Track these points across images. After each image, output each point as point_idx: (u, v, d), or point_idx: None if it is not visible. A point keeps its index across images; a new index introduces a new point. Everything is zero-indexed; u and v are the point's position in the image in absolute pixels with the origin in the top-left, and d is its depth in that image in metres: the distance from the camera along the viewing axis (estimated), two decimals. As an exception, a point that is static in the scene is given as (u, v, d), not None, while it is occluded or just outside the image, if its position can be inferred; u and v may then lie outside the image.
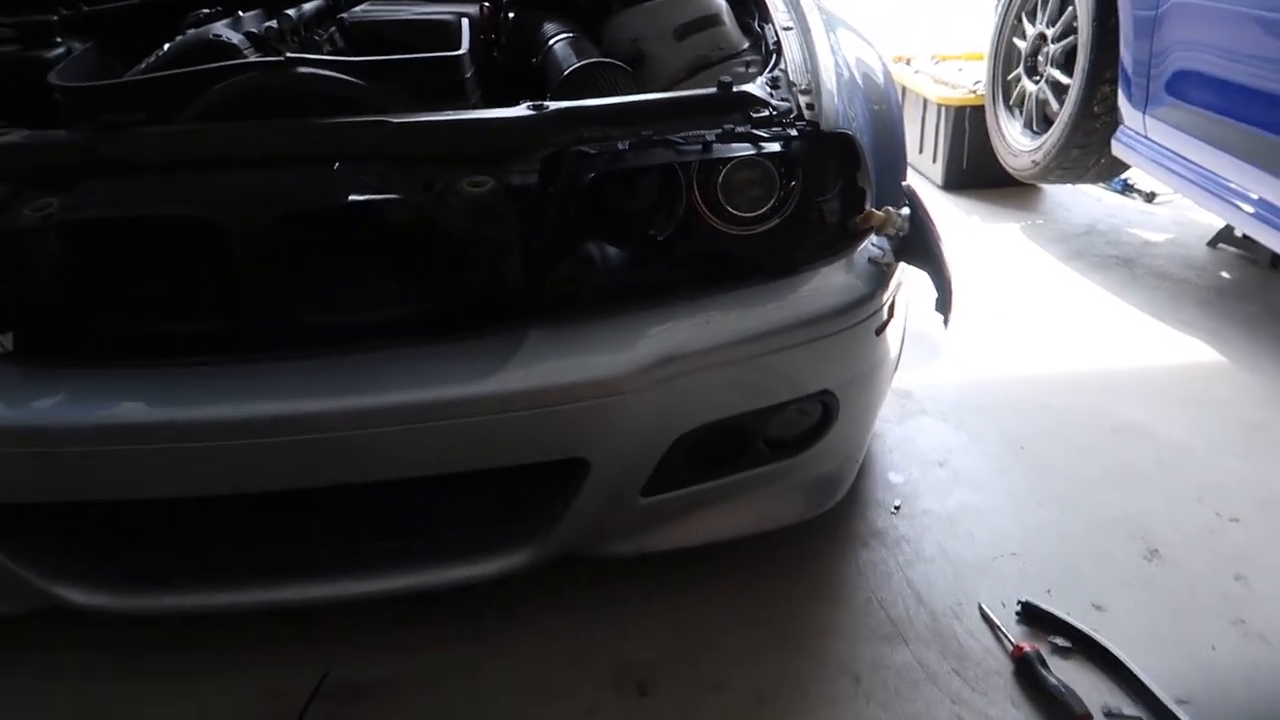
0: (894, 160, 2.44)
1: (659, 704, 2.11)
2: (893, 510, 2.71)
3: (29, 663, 2.21)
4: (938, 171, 5.43)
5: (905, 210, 2.24)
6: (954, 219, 4.97)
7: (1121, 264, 4.38)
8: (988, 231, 4.84)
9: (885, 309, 2.24)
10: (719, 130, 2.04)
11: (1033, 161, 4.47)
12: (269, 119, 1.98)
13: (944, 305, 2.28)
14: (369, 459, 1.90)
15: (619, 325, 2.00)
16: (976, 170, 5.27)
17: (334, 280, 2.00)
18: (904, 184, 2.37)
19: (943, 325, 2.30)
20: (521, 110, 2.02)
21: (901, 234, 2.21)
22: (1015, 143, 4.69)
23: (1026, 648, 2.17)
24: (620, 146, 1.98)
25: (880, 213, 2.19)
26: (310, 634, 2.23)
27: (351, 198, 1.88)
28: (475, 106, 2.26)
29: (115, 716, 2.08)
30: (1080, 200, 5.23)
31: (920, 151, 5.55)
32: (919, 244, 2.27)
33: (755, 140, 2.05)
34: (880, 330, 2.23)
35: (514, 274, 1.98)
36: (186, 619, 2.20)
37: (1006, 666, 2.18)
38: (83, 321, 1.94)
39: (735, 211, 2.09)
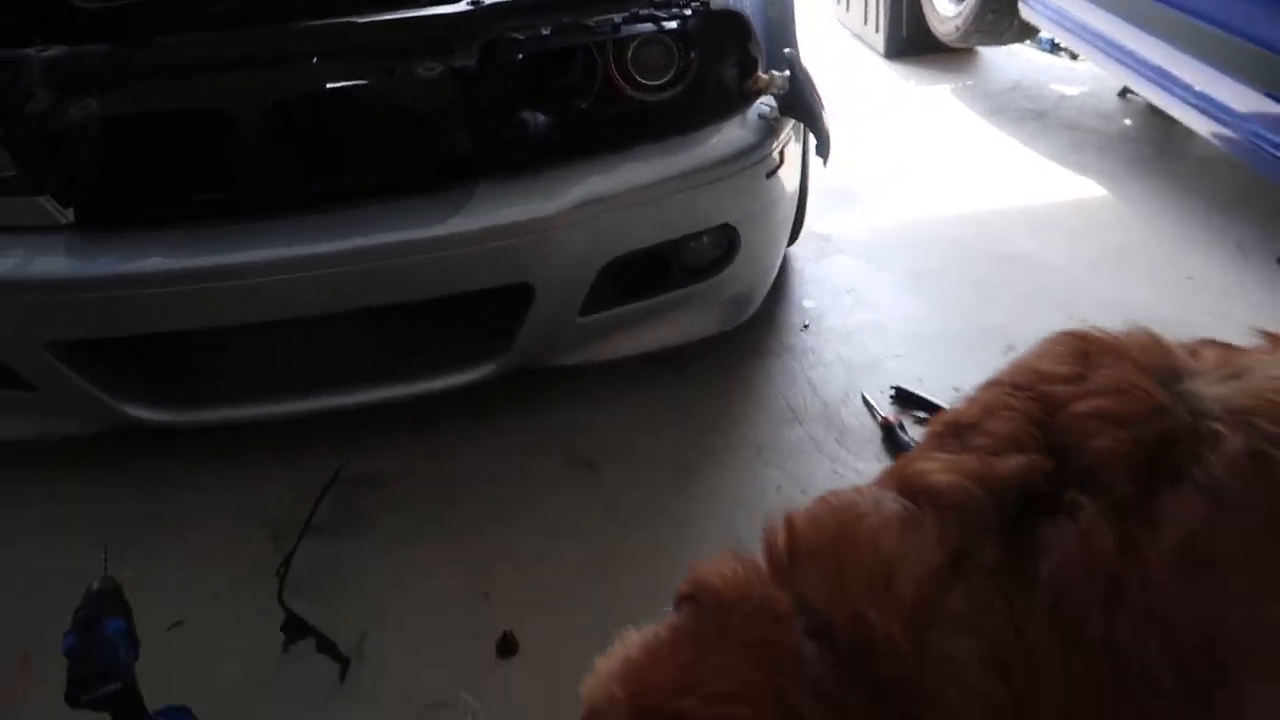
0: (783, 31, 2.91)
1: (602, 478, 2.71)
2: (802, 328, 3.26)
3: (99, 473, 2.80)
4: (880, 41, 5.80)
5: (786, 73, 2.71)
6: (892, 84, 5.38)
7: (1036, 117, 4.82)
8: (921, 94, 5.25)
9: (775, 155, 2.74)
10: (625, 14, 2.50)
11: (955, 27, 4.87)
12: (263, 24, 2.45)
13: (823, 149, 2.79)
14: (361, 288, 2.45)
15: (551, 177, 2.52)
16: (915, 38, 5.63)
17: (323, 151, 2.51)
18: (787, 51, 2.83)
19: (823, 164, 2.81)
20: (462, 6, 2.48)
21: (783, 93, 2.69)
22: (941, 10, 5.07)
23: (892, 419, 2.75)
24: (543, 32, 2.45)
25: (765, 76, 2.67)
26: (326, 439, 2.81)
27: (330, 85, 2.38)
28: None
29: (168, 513, 2.67)
30: (1010, 61, 5.61)
31: (865, 23, 5.91)
32: (800, 101, 2.75)
33: (656, 20, 2.52)
34: (771, 174, 2.74)
35: (463, 140, 2.49)
36: (227, 429, 2.77)
37: (877, 435, 2.77)
38: (126, 196, 2.46)
39: (644, 81, 2.58)
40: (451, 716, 2.08)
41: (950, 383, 2.95)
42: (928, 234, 3.83)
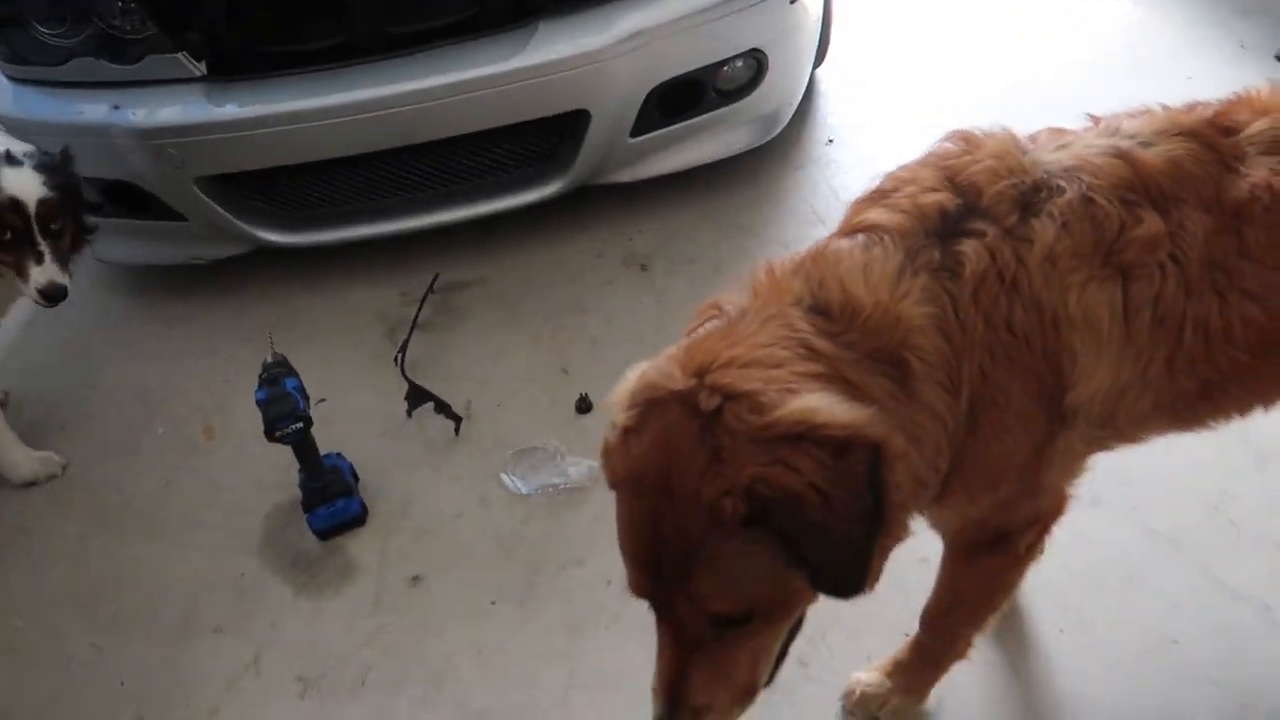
0: None
1: (653, 275, 3.21)
2: (826, 143, 3.65)
3: (249, 284, 3.38)
4: None
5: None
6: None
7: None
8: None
9: (795, -17, 3.08)
10: None
11: None
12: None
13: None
14: (448, 119, 2.91)
15: (600, 14, 2.91)
16: None
17: (407, 5, 2.91)
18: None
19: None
20: None
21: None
22: None
23: (902, 216, 3.18)
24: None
25: (787, -92, 2.97)
26: (424, 253, 3.33)
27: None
28: None
29: (299, 319, 3.24)
30: None
31: None
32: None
33: None
34: (792, 0, 3.09)
35: (523, -16, 2.88)
36: (341, 248, 3.30)
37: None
38: (249, 48, 2.91)
39: (679, -78, 2.91)
40: (542, 455, 2.66)
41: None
42: (943, 72, 4.06)
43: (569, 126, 3.05)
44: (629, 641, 2.21)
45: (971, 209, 1.42)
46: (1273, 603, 2.11)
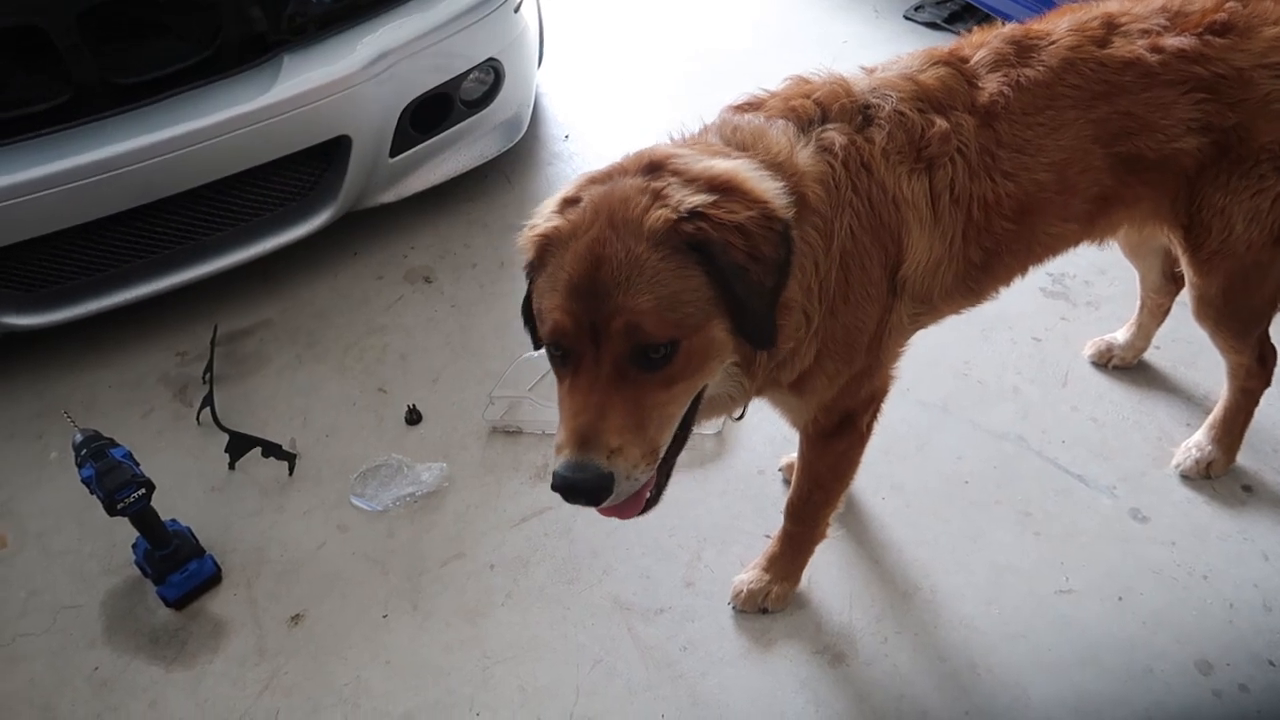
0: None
1: (440, 285, 3.32)
2: (564, 139, 3.92)
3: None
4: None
5: (513, -81, 3.25)
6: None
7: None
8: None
9: (518, -7, 3.31)
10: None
11: None
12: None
13: (554, -18, 3.37)
14: (201, 167, 2.85)
15: (341, 41, 2.98)
16: None
17: (132, 49, 2.81)
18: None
19: (556, -3, 3.41)
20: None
21: (513, -62, 3.24)
22: None
23: (652, 191, 3.52)
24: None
25: (496, -76, 3.20)
26: (194, 307, 3.21)
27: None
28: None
29: (76, 402, 3.02)
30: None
31: None
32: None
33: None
34: (517, 8, 3.32)
35: (259, 18, 2.88)
36: (107, 315, 3.09)
37: (643, 206, 3.54)
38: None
39: (401, -56, 3.04)
40: (387, 471, 2.71)
41: (688, 156, 3.76)
42: (665, 48, 4.51)
43: (331, 154, 3.09)
44: (530, 611, 2.36)
45: (825, 116, 1.77)
46: (1024, 434, 2.65)
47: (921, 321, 1.98)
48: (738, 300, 1.51)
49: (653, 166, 1.58)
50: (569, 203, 1.59)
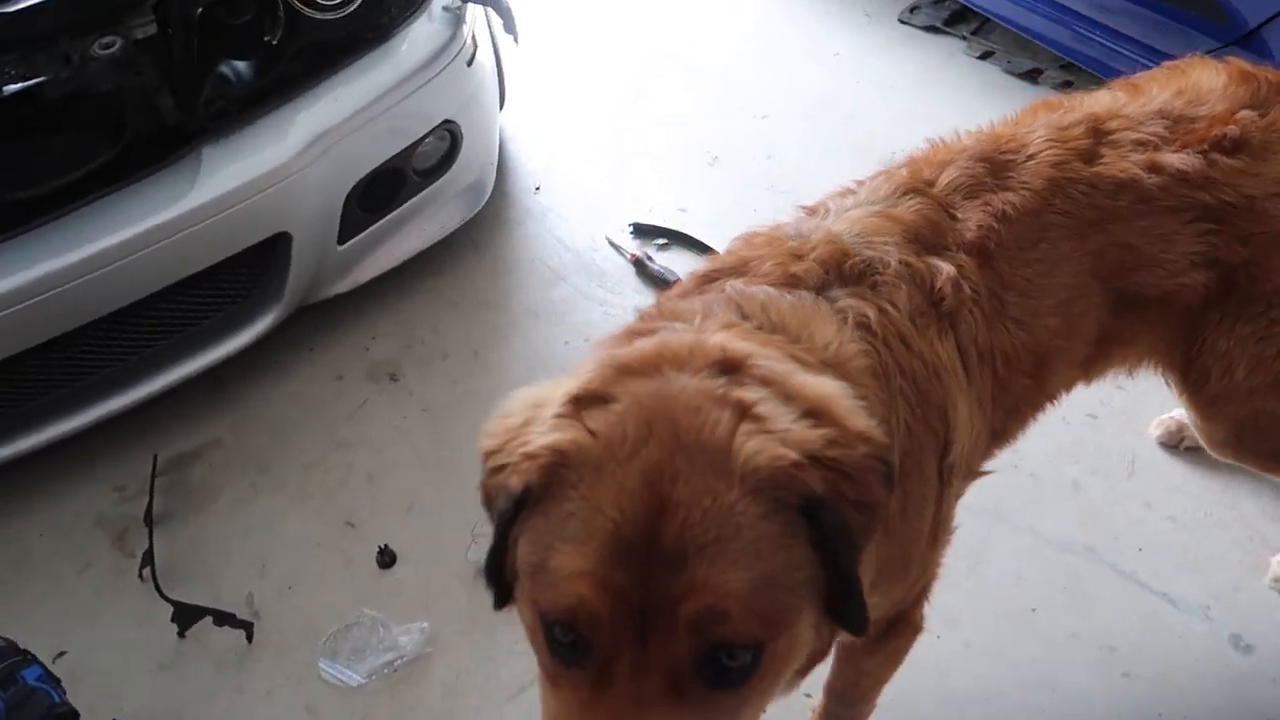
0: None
1: (408, 383, 2.93)
2: (535, 191, 3.51)
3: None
4: None
5: (457, -39, 2.82)
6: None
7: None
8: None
9: (470, 42, 2.89)
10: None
11: None
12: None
13: (510, 27, 2.96)
14: (117, 289, 2.45)
15: (272, 122, 2.56)
16: None
17: (22, 157, 2.40)
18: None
19: (514, 43, 2.99)
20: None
21: (462, -19, 2.82)
22: None
23: (639, 253, 3.13)
24: (213, -22, 2.42)
25: (436, -33, 2.77)
26: (133, 430, 2.80)
27: (7, 89, 2.26)
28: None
29: (6, 551, 2.63)
30: None
31: None
32: (478, -15, 2.89)
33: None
34: (470, 61, 2.90)
35: (169, 109, 2.46)
36: (29, 458, 2.69)
37: (630, 271, 3.15)
38: None
39: (324, 1, 2.61)
40: (361, 631, 2.35)
41: (676, 204, 3.37)
42: (613, 83, 4.01)
43: (270, 253, 2.68)
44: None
45: (837, 280, 1.39)
46: (1093, 542, 2.30)
47: (960, 493, 1.63)
48: (842, 577, 1.06)
49: (730, 365, 1.12)
50: (592, 401, 1.09)
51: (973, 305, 1.46)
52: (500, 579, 1.19)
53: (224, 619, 2.35)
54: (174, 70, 2.43)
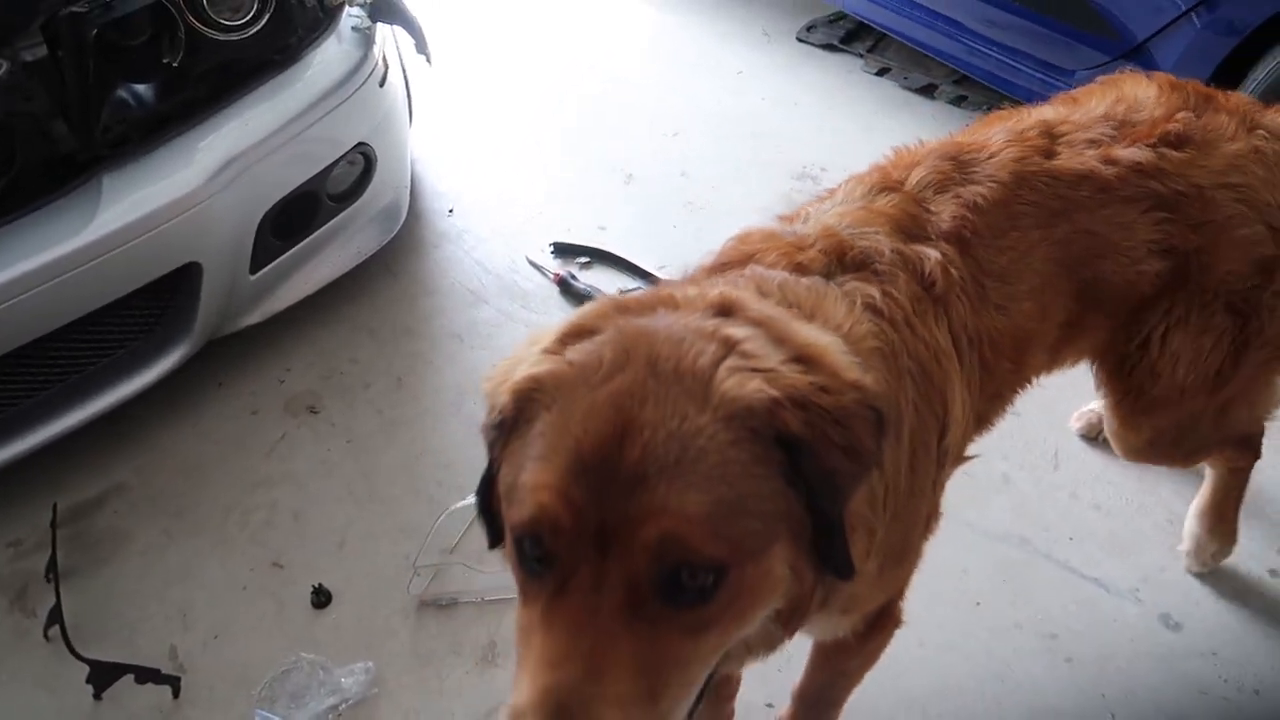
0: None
1: (329, 414, 2.81)
2: (449, 214, 3.45)
3: None
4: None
5: (364, -19, 2.75)
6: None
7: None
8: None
9: (381, 63, 2.82)
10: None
11: None
12: None
13: (422, 47, 2.90)
14: (9, 330, 2.27)
15: (176, 148, 2.43)
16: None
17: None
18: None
19: (426, 63, 2.94)
20: (-2, -9, 2.23)
21: (370, 2, 2.75)
22: None
23: (562, 273, 3.10)
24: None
25: (342, -13, 2.70)
26: (27, 479, 2.60)
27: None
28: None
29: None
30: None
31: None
32: (388, 5, 2.82)
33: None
34: (382, 82, 2.83)
35: (64, 137, 2.31)
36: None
37: (553, 290, 3.11)
38: None
39: (227, 21, 2.51)
40: (300, 676, 2.22)
41: (595, 223, 3.35)
42: (530, 100, 4.01)
43: (179, 284, 2.54)
44: None
45: (840, 267, 1.42)
46: (1027, 533, 2.37)
47: (944, 481, 1.65)
48: (822, 519, 1.07)
49: (726, 308, 1.15)
50: (576, 335, 1.13)
51: (960, 290, 1.51)
52: (491, 515, 1.21)
53: (146, 675, 2.19)
54: (67, 95, 2.29)
